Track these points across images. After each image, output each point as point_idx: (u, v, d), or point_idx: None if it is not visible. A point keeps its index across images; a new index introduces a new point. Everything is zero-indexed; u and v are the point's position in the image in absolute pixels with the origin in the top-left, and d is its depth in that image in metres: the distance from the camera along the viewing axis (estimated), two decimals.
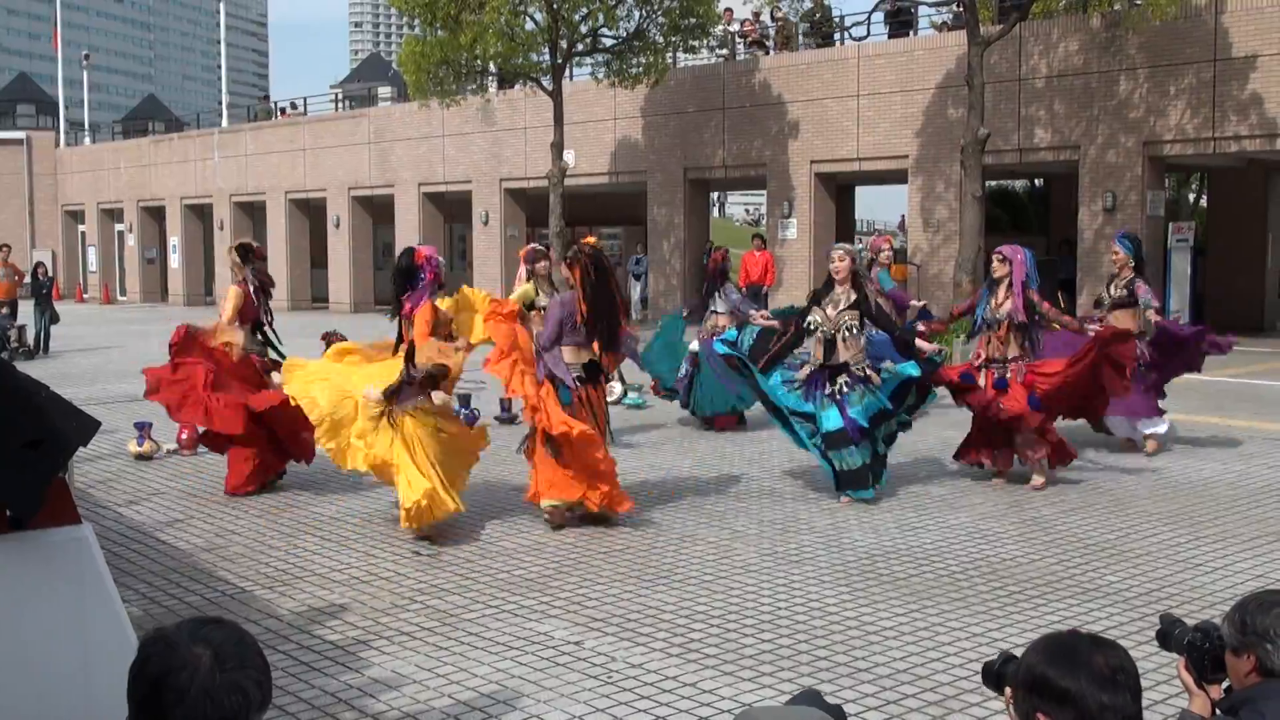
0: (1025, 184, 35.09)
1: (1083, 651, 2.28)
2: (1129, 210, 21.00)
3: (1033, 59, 22.06)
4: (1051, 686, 2.27)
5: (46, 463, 3.94)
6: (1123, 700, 2.23)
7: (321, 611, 6.55)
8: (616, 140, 28.35)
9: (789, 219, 25.44)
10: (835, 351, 9.09)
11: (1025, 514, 8.76)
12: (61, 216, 46.24)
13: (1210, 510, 8.92)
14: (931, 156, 23.22)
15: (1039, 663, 2.31)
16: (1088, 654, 2.28)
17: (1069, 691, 2.25)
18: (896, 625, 6.24)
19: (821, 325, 9.14)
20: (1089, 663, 2.26)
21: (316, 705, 5.22)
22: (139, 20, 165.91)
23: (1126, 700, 2.23)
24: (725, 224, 71.36)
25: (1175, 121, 20.60)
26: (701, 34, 25.03)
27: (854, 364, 9.10)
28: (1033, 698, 2.32)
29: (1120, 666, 2.27)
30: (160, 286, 42.45)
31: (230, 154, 38.72)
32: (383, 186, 34.06)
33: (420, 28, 24.62)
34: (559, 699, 5.26)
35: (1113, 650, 2.32)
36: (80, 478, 9.76)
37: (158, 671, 2.12)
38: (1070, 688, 2.25)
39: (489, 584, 7.04)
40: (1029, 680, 2.32)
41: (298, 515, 8.91)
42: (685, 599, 6.71)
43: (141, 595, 6.83)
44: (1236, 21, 19.86)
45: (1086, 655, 2.27)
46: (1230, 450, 11.34)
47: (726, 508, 8.97)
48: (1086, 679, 2.24)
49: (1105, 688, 2.23)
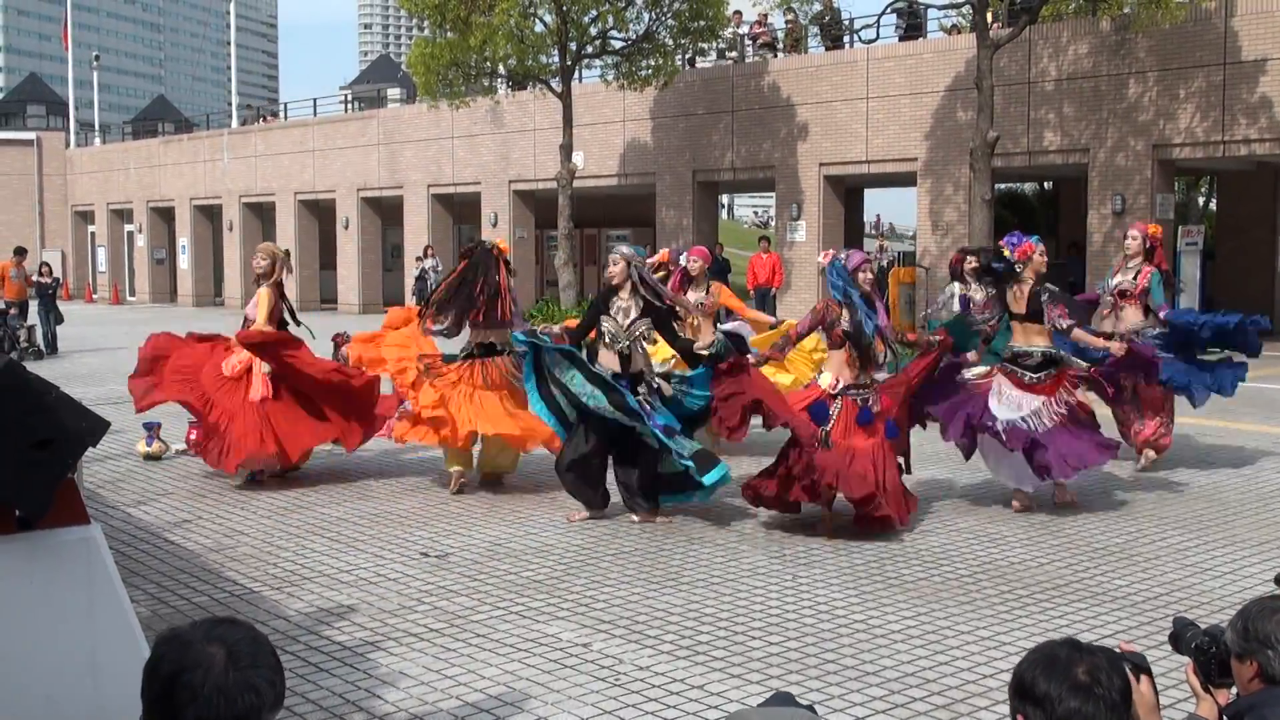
0: (1034, 187, 35.05)
1: (1065, 659, 2.34)
2: (1138, 213, 20.94)
3: (1042, 62, 22.02)
4: (1030, 689, 2.33)
5: (56, 463, 3.95)
6: (1093, 709, 2.26)
7: (329, 612, 6.56)
8: (625, 142, 28.36)
9: (797, 221, 25.42)
10: (630, 361, 8.65)
11: (1033, 518, 8.74)
12: (71, 217, 46.35)
13: (1219, 514, 8.89)
14: (940, 159, 23.19)
15: (1026, 665, 2.37)
16: (1070, 661, 2.32)
17: (1044, 695, 2.30)
18: (905, 628, 6.24)
19: (616, 335, 8.65)
20: (1068, 670, 2.31)
21: (324, 706, 5.22)
22: (149, 21, 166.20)
23: (1099, 710, 2.26)
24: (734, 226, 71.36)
25: (1185, 125, 20.56)
26: (710, 36, 25.03)
27: (648, 375, 8.75)
28: (1015, 698, 2.38)
29: (1097, 679, 2.29)
30: (170, 287, 42.53)
31: (240, 155, 38.79)
32: (392, 188, 34.10)
33: (430, 29, 24.65)
34: (566, 701, 5.26)
35: (1099, 661, 2.33)
36: (89, 478, 9.77)
37: (171, 670, 2.13)
38: (1046, 691, 2.30)
39: (497, 586, 7.04)
40: (1016, 681, 2.38)
41: (306, 516, 8.92)
42: (693, 601, 6.71)
43: (150, 595, 6.84)
44: (1246, 25, 19.82)
45: (1068, 662, 2.32)
46: (1239, 454, 11.31)
47: (734, 510, 8.96)
48: (1061, 685, 2.30)
49: (1077, 695, 2.27)
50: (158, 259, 42.80)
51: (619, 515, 8.76)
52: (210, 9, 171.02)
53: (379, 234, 35.73)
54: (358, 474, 10.48)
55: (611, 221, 33.44)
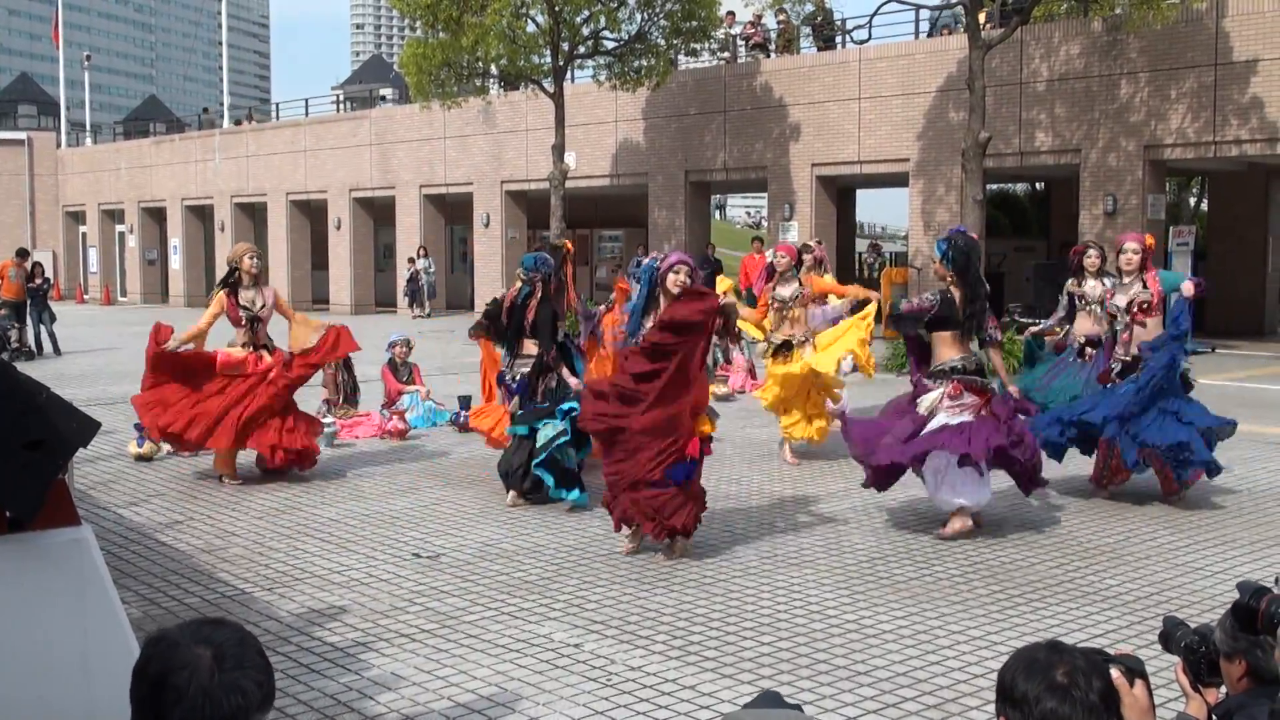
0: (1026, 187, 35.10)
1: (1044, 660, 2.35)
2: (1129, 214, 21.00)
3: (1034, 62, 22.06)
4: (1010, 690, 2.34)
5: (47, 464, 3.94)
6: (1069, 710, 2.27)
7: (321, 613, 6.55)
8: (618, 142, 28.36)
9: (790, 222, 25.44)
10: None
11: (1024, 517, 8.76)
12: (62, 217, 46.24)
13: (1210, 514, 8.92)
14: (932, 160, 23.22)
15: (1008, 667, 2.39)
16: (1049, 663, 2.33)
17: (1023, 696, 2.31)
18: (896, 628, 6.25)
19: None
20: (1047, 671, 2.32)
21: (315, 707, 5.22)
22: (140, 21, 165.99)
23: (1076, 712, 2.27)
24: (727, 226, 71.33)
25: (1176, 125, 20.60)
26: (703, 36, 25.04)
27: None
28: (997, 700, 2.39)
29: (1075, 680, 2.30)
30: (161, 288, 42.45)
31: (231, 155, 38.73)
32: (384, 188, 34.07)
33: (422, 30, 24.64)
34: (558, 701, 5.26)
35: (1079, 663, 2.33)
36: (80, 479, 9.77)
37: (158, 671, 2.13)
38: (1024, 692, 2.31)
39: (488, 586, 7.04)
40: (999, 683, 2.40)
41: (297, 518, 8.91)
42: (685, 601, 6.71)
43: (141, 597, 6.83)
44: (1237, 25, 19.87)
45: (1047, 664, 2.33)
46: (1230, 454, 11.31)
47: (726, 510, 8.97)
48: (1039, 686, 2.31)
49: (1054, 696, 2.28)
50: (149, 259, 42.73)
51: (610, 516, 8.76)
52: (202, 8, 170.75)
53: (371, 234, 35.70)
54: (349, 475, 10.48)
55: (604, 222, 33.44)
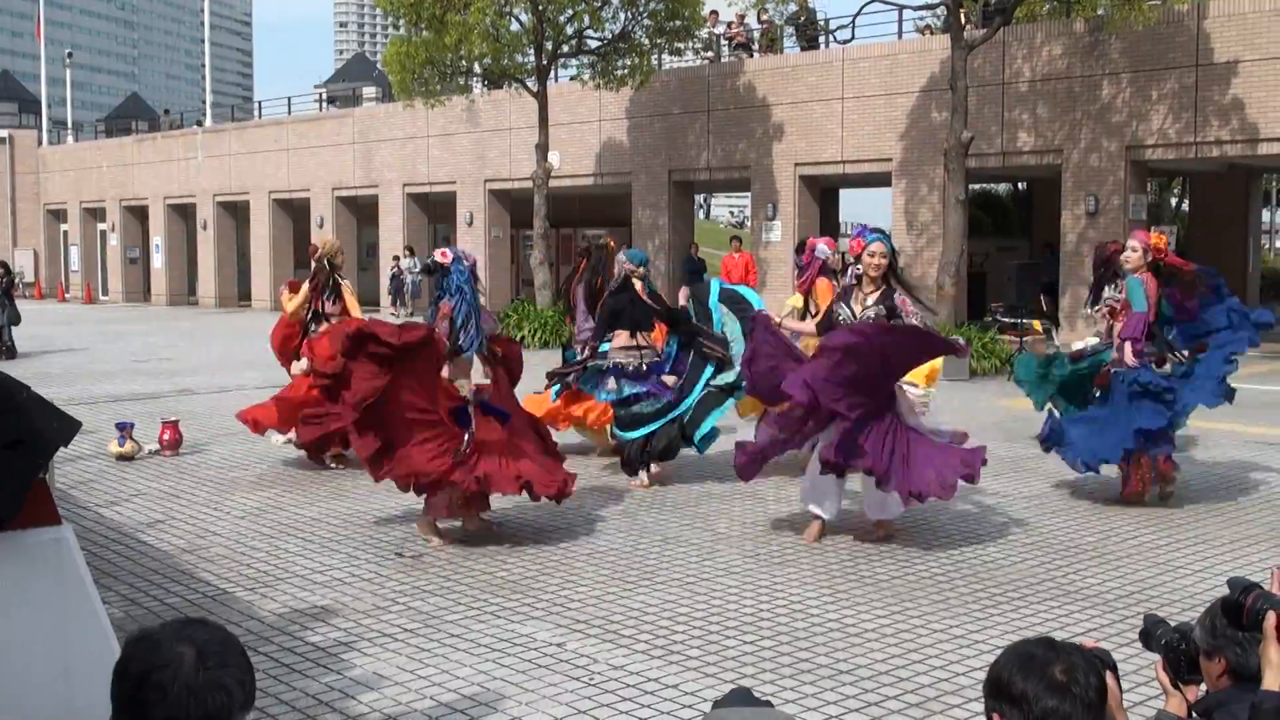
0: (1008, 187, 35.17)
1: (1041, 658, 2.35)
2: (1111, 214, 21.08)
3: (1016, 63, 22.12)
4: (1006, 688, 2.34)
5: (27, 463, 3.92)
6: (1069, 708, 2.27)
7: (303, 613, 6.54)
8: (601, 142, 28.35)
9: (773, 221, 25.47)
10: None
11: (1006, 516, 8.79)
12: (44, 215, 46.02)
13: (1190, 513, 8.96)
14: (915, 160, 23.26)
15: (1002, 664, 2.38)
16: (1047, 661, 2.33)
17: (1021, 694, 2.31)
18: (878, 627, 6.26)
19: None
20: (1045, 669, 2.32)
21: (297, 707, 5.21)
22: (122, 19, 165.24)
23: (1075, 709, 2.28)
24: (711, 226, 71.30)
25: (1157, 126, 20.68)
26: (686, 36, 25.04)
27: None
28: (990, 697, 2.39)
29: (1075, 678, 2.30)
30: (143, 286, 42.26)
31: (214, 154, 38.59)
32: (367, 187, 33.99)
33: (405, 28, 24.57)
34: (541, 701, 5.26)
35: (1077, 660, 2.34)
36: (61, 478, 9.72)
37: (140, 670, 2.12)
38: (1023, 690, 2.31)
39: (471, 586, 7.03)
40: (992, 679, 2.39)
41: (280, 517, 8.89)
42: (668, 601, 6.71)
43: (122, 596, 6.80)
44: (1218, 27, 19.96)
45: (1044, 661, 2.33)
46: (1209, 453, 11.39)
47: (709, 510, 8.98)
48: (1038, 684, 2.31)
49: (1054, 694, 2.28)
50: (131, 258, 42.54)
51: (593, 515, 8.77)
52: (184, 6, 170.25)
53: (354, 233, 35.56)
54: (331, 475, 10.46)
55: (587, 221, 33.40)
